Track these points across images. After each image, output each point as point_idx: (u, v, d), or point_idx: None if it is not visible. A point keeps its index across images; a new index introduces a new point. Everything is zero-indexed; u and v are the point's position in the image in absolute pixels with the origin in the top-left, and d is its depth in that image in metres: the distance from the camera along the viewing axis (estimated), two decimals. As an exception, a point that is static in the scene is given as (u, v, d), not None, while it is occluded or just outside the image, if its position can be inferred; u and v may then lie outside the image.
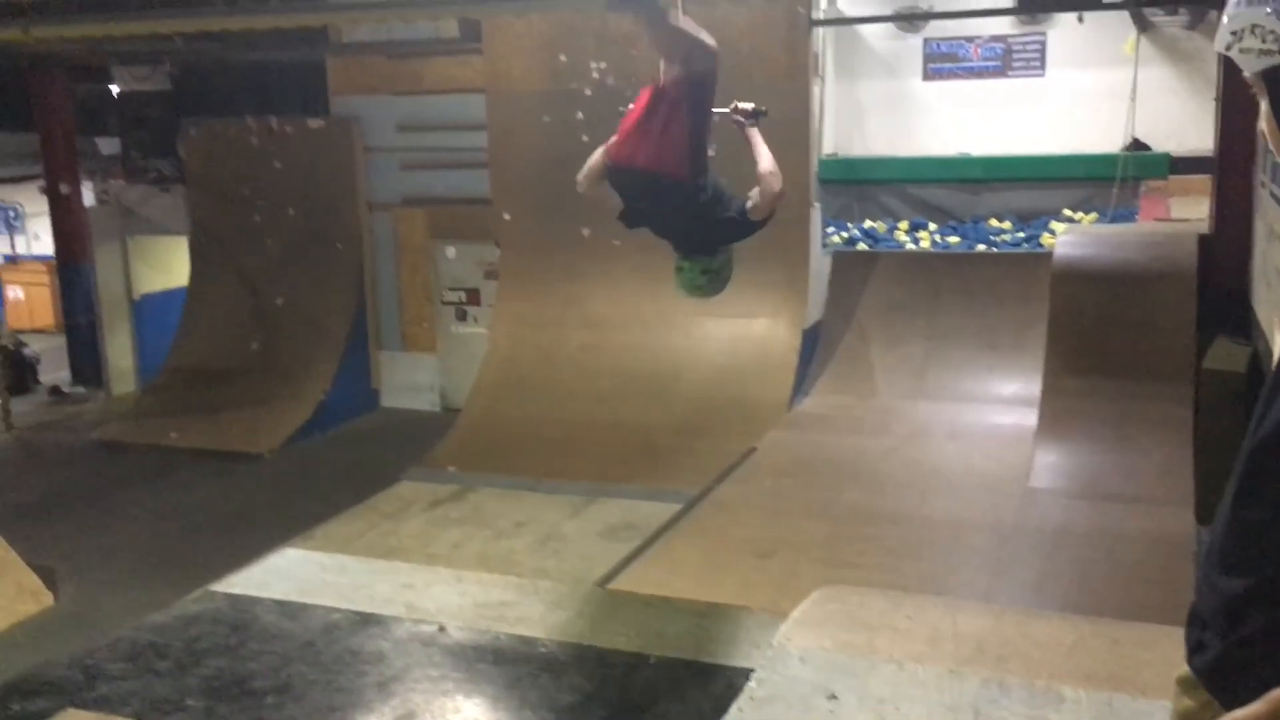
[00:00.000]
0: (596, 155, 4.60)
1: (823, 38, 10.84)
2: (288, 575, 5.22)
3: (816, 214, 10.86)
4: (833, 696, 3.38)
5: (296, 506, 9.35)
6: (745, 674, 3.90)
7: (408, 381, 12.82)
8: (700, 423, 9.80)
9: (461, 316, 12.61)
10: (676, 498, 8.27)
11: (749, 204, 4.54)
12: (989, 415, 9.28)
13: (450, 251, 12.48)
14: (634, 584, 6.20)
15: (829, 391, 10.05)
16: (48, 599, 7.82)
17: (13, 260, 18.02)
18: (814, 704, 3.40)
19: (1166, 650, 3.63)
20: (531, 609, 4.66)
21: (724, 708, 3.68)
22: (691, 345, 10.57)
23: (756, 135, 4.68)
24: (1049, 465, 7.89)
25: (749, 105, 4.76)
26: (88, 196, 14.34)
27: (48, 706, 3.96)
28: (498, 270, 11.64)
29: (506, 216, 11.32)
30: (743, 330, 10.47)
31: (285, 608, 4.79)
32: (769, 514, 7.64)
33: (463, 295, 12.56)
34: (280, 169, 12.66)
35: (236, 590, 5.05)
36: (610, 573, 6.76)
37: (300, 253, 12.60)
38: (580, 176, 4.68)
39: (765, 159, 4.59)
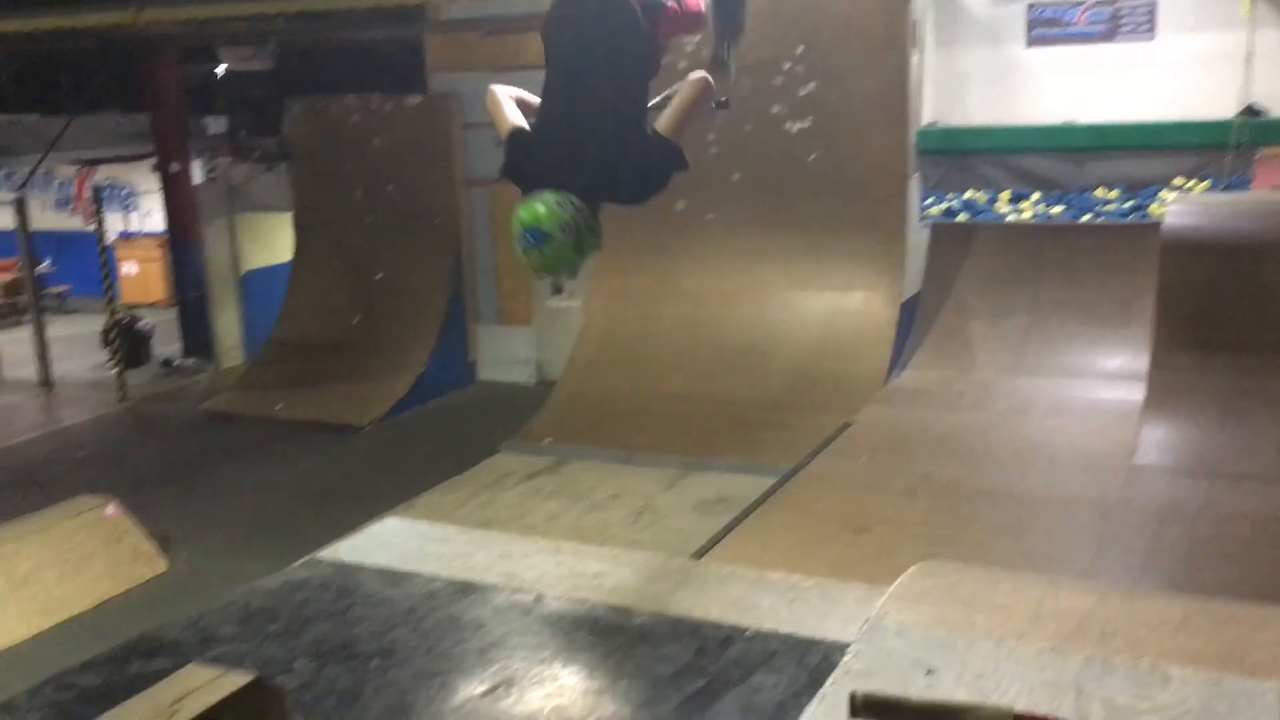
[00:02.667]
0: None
1: (921, 5, 10.63)
2: (389, 544, 5.34)
3: (915, 185, 10.69)
4: (931, 671, 3.35)
5: (396, 477, 9.55)
6: (841, 648, 3.88)
7: (504, 355, 12.98)
8: (795, 397, 9.75)
9: (557, 291, 12.70)
10: (771, 472, 8.25)
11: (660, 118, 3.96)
12: (1093, 390, 9.06)
13: (545, 226, 12.56)
14: (728, 557, 6.21)
15: (927, 366, 9.92)
16: (162, 564, 8.12)
17: (127, 237, 18.63)
18: (911, 679, 3.37)
19: (1278, 630, 3.53)
20: (627, 580, 4.70)
21: (820, 681, 3.67)
22: (786, 319, 10.51)
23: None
24: (1156, 441, 7.68)
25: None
26: (196, 175, 14.75)
27: (166, 665, 4.12)
28: (593, 244, 11.68)
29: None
30: (839, 303, 10.37)
31: (387, 575, 4.90)
32: (864, 489, 7.58)
33: (558, 270, 12.64)
34: (380, 146, 12.87)
35: (341, 558, 5.18)
36: (705, 546, 6.78)
37: (400, 228, 12.82)
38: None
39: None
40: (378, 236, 12.94)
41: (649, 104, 4.17)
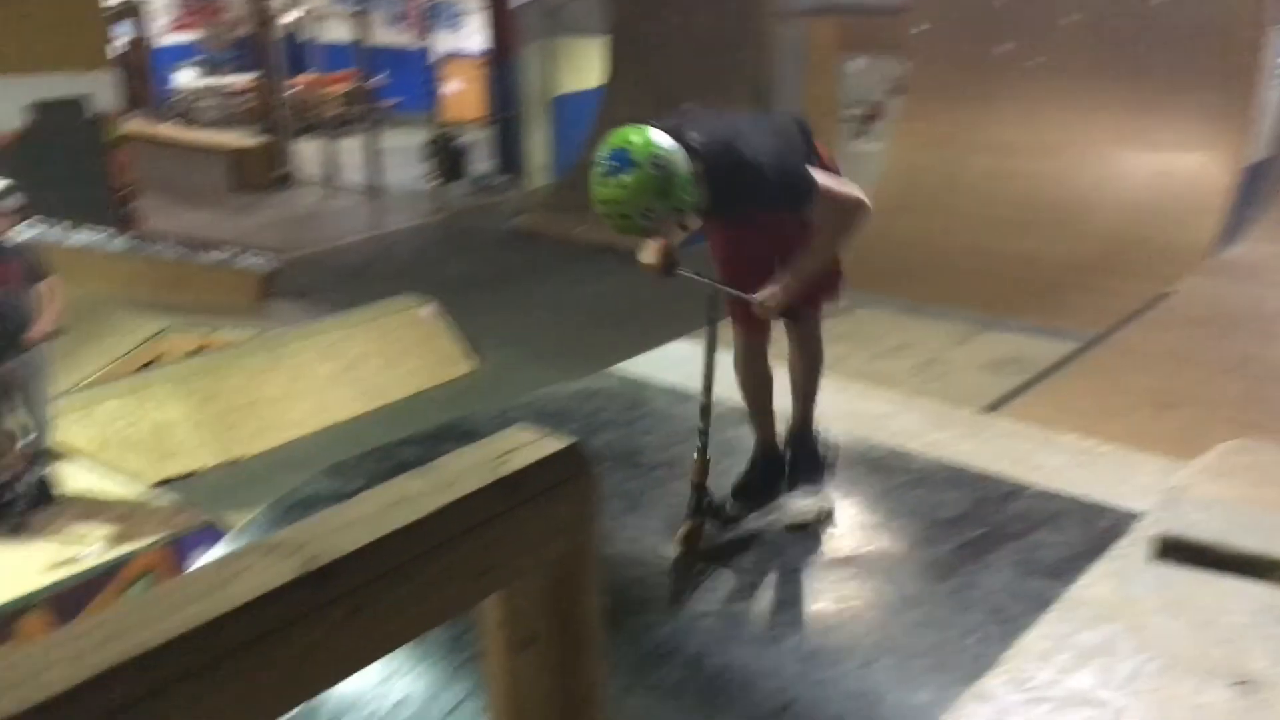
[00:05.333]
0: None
1: None
2: (679, 365, 5.49)
3: (1276, 37, 9.54)
4: (1233, 550, 3.16)
5: (682, 306, 9.71)
6: (1132, 517, 3.73)
7: (802, 195, 12.81)
8: (1108, 261, 9.15)
9: (862, 133, 12.35)
10: (1072, 337, 7.86)
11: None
12: None
13: (857, 64, 12.16)
14: (1019, 416, 6.02)
15: (1268, 239, 9.03)
16: (468, 365, 8.74)
17: (450, 56, 19.47)
18: (1210, 556, 3.20)
19: None
20: (911, 424, 4.66)
21: (1104, 546, 3.55)
22: (1108, 177, 9.79)
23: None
24: None
25: None
26: (516, -3, 15.14)
27: (471, 450, 4.48)
28: (905, 86, 11.23)
29: (921, 28, 10.81)
30: (1169, 164, 9.55)
31: (675, 394, 5.07)
32: (1176, 364, 7.09)
33: (865, 110, 12.27)
34: (694, -27, 12.75)
35: (632, 373, 5.40)
36: (995, 402, 6.60)
37: (709, 59, 12.75)
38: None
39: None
40: (686, 66, 12.92)
41: None
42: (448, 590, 1.31)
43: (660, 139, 3.26)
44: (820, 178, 3.51)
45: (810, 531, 3.88)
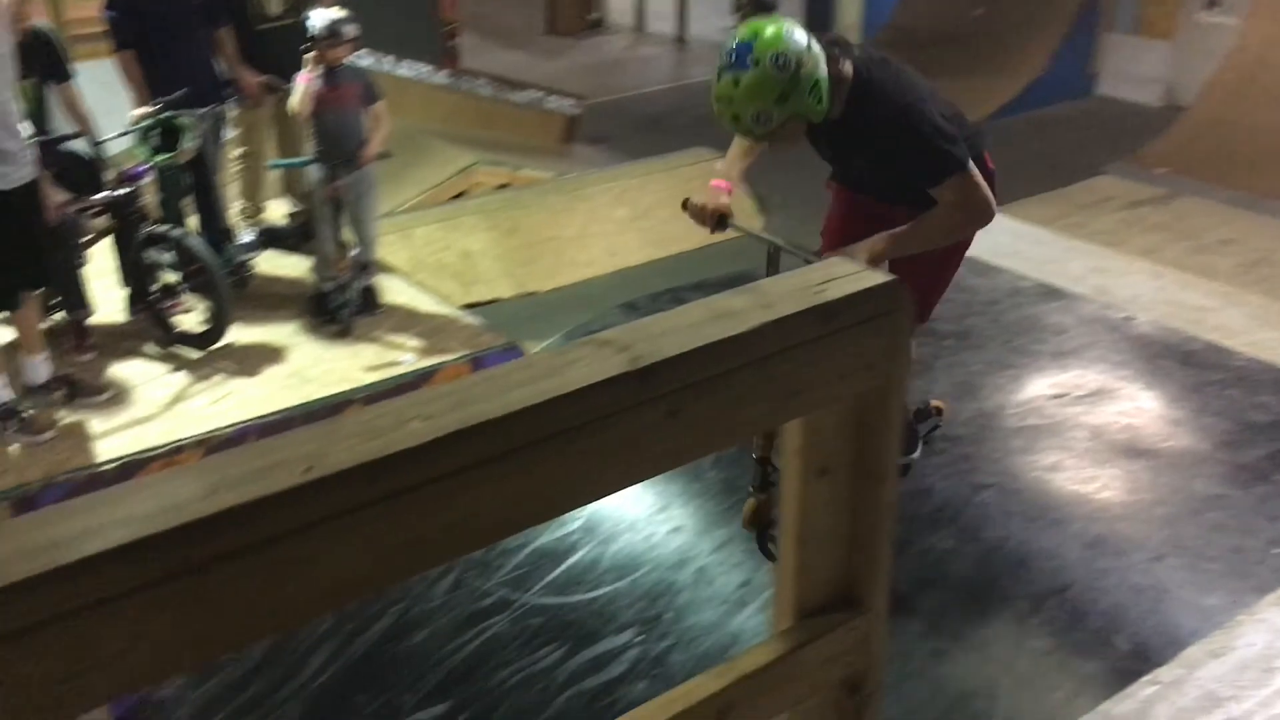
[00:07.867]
0: None
1: None
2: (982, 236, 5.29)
3: None
4: None
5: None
6: None
7: (1131, 70, 11.83)
8: None
9: (1212, 3, 11.18)
10: None
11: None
12: None
13: (1218, -76, 10.94)
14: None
15: None
16: (759, 222, 8.71)
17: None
18: None
19: None
20: (1233, 320, 4.33)
21: None
22: None
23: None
24: None
25: None
26: None
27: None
28: (1272, -50, 10.03)
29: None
30: None
31: (973, 265, 4.89)
32: None
33: (1221, -22, 11.08)
34: None
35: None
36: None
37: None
38: None
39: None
40: (1018, -78, 12.06)
41: None
42: (757, 406, 1.34)
43: (794, 35, 2.96)
44: (972, 166, 3.20)
45: (1103, 416, 3.71)
